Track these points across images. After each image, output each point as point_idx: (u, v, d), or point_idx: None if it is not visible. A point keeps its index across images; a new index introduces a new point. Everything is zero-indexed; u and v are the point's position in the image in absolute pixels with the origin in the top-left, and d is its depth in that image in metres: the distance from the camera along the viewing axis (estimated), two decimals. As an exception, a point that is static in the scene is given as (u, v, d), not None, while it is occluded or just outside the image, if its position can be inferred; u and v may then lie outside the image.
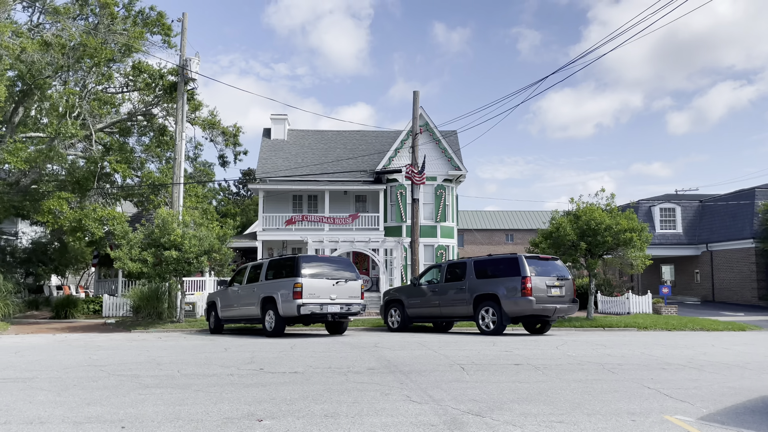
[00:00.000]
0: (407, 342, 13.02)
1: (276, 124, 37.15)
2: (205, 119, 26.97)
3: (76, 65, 23.12)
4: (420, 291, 17.70)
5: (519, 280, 15.08)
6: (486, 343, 12.63)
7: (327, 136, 38.12)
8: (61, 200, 22.33)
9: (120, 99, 26.02)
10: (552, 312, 15.32)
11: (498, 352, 10.85)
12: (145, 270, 19.51)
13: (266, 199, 33.32)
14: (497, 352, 10.85)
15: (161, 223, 20.19)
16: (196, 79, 22.93)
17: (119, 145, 24.57)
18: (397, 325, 18.13)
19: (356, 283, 15.80)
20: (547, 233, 21.38)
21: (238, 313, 16.98)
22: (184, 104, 22.91)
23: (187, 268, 19.87)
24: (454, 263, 17.31)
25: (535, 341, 13.19)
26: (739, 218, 34.45)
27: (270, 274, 16.10)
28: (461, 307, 16.31)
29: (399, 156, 32.49)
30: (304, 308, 14.62)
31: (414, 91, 22.41)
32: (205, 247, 19.96)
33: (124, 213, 25.22)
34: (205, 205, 26.31)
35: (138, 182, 25.86)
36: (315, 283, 14.97)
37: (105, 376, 8.44)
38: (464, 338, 14.24)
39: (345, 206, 34.46)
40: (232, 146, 28.00)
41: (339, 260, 16.24)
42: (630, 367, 9.03)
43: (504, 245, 72.54)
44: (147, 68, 24.31)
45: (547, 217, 74.24)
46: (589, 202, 21.55)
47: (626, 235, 19.90)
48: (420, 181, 21.74)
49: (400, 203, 32.33)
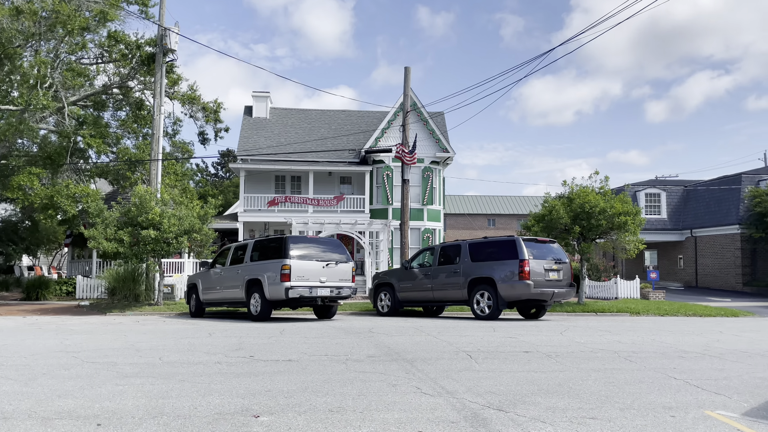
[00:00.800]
0: (403, 327, 12.37)
1: (258, 101, 36.01)
2: (184, 94, 25.81)
3: (48, 34, 21.80)
4: (411, 274, 17.05)
5: (516, 263, 14.49)
6: (485, 328, 12.03)
7: (311, 116, 37.10)
8: (31, 176, 21.14)
9: (94, 71, 24.72)
10: (550, 296, 14.79)
11: (502, 338, 10.24)
12: (121, 250, 18.56)
13: (248, 180, 32.31)
14: (501, 338, 10.25)
15: (138, 201, 19.21)
16: (176, 50, 21.82)
17: (93, 119, 23.33)
18: (388, 309, 17.50)
19: (347, 265, 15.07)
20: (539, 216, 20.84)
21: (220, 296, 16.17)
22: (162, 76, 21.79)
23: (166, 249, 18.96)
24: (447, 246, 16.67)
25: (536, 327, 12.64)
26: (724, 204, 34.38)
27: (255, 256, 15.29)
28: (455, 291, 15.71)
29: (386, 136, 31.67)
30: (293, 291, 13.87)
31: (405, 67, 21.60)
32: (185, 226, 19.04)
33: (99, 190, 24.08)
34: (184, 184, 25.26)
35: (113, 158, 24.68)
36: (304, 265, 14.22)
37: (78, 364, 7.63)
38: (461, 323, 13.64)
39: (329, 187, 33.61)
40: (213, 123, 26.89)
41: (329, 241, 15.49)
42: (646, 355, 8.48)
43: (486, 230, 72.28)
44: (123, 38, 23.05)
45: (529, 202, 74.32)
46: (582, 185, 21.06)
47: (621, 218, 19.45)
48: (411, 161, 21.01)
49: (387, 185, 31.59)
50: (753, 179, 33.77)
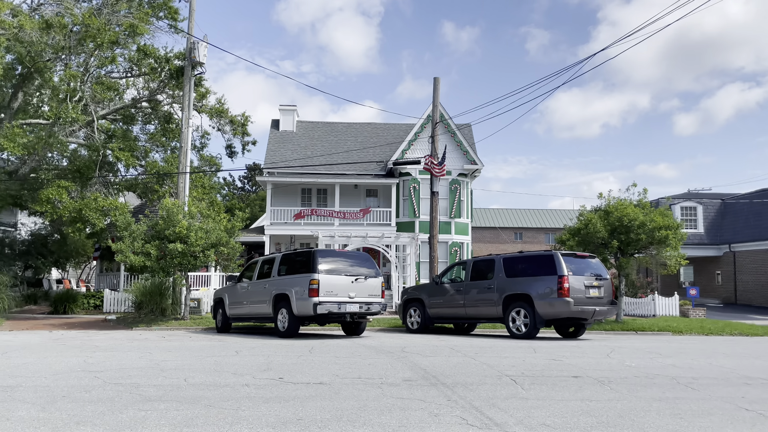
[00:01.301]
0: (436, 346, 11.79)
1: (285, 115, 35.93)
2: (212, 107, 25.74)
3: (78, 48, 21.90)
4: (442, 290, 16.47)
5: (555, 279, 13.83)
6: (525, 349, 11.40)
7: (337, 129, 36.88)
8: (60, 189, 21.14)
9: (124, 85, 24.81)
10: (590, 314, 14.08)
11: (545, 360, 9.61)
12: (148, 264, 18.33)
13: (274, 193, 32.12)
14: (544, 360, 9.61)
15: (166, 214, 19.00)
16: (204, 63, 21.70)
17: (122, 133, 23.34)
18: (417, 326, 16.93)
19: (376, 280, 14.57)
20: (574, 230, 20.11)
21: (247, 311, 15.78)
22: (191, 89, 21.69)
23: (193, 262, 18.68)
24: (480, 260, 16.07)
25: (578, 347, 11.96)
26: (764, 218, 33.10)
27: (283, 270, 14.88)
28: (489, 308, 15.08)
29: (413, 149, 31.23)
30: (321, 307, 13.39)
31: (434, 77, 21.18)
32: (212, 240, 18.77)
33: (127, 203, 24.02)
34: (212, 197, 25.09)
35: (142, 172, 24.64)
36: (333, 280, 13.75)
37: (100, 385, 7.24)
38: (497, 342, 13.01)
39: (355, 200, 33.25)
40: (241, 136, 26.77)
41: (357, 255, 15.01)
42: (708, 382, 7.79)
43: (513, 244, 71.22)
44: (152, 51, 23.06)
45: (556, 216, 73.06)
46: (619, 197, 20.30)
47: (661, 233, 18.64)
48: (440, 173, 20.50)
49: (413, 198, 31.09)
50: (795, 192, 32.48)
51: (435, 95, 21.03)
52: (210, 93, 26.06)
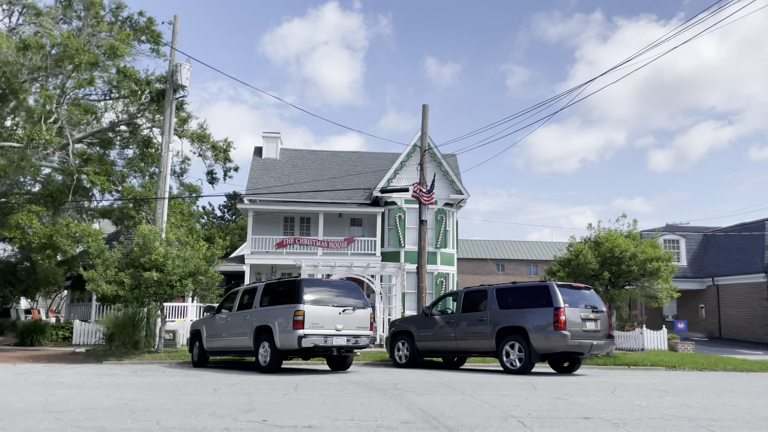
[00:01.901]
0: (430, 383, 11.07)
1: (268, 142, 35.37)
2: (194, 132, 25.09)
3: (55, 69, 21.21)
4: (432, 322, 15.78)
5: (551, 311, 13.25)
6: (523, 386, 10.73)
7: (321, 157, 36.39)
8: (30, 214, 20.16)
9: (102, 107, 24.07)
10: (588, 348, 13.49)
11: (549, 399, 8.96)
12: (121, 293, 17.38)
13: (256, 221, 31.32)
14: (548, 399, 8.96)
15: (142, 241, 18.15)
16: (186, 86, 21.10)
17: (99, 157, 22.52)
18: (406, 360, 16.17)
19: (365, 311, 13.85)
20: (564, 261, 19.68)
21: (226, 344, 14.90)
22: (172, 113, 21.04)
23: (169, 292, 17.78)
24: (472, 291, 15.45)
25: (579, 384, 11.32)
26: (747, 251, 33.11)
27: (265, 300, 14.10)
28: (481, 341, 14.42)
29: (399, 177, 30.79)
30: (306, 340, 12.61)
31: (423, 105, 20.83)
32: (190, 268, 17.92)
33: (102, 230, 23.05)
34: (191, 224, 24.22)
35: (118, 197, 23.75)
36: (319, 311, 13.00)
37: (60, 429, 6.41)
38: (492, 378, 12.32)
39: (339, 229, 32.58)
40: (222, 162, 26.08)
41: (345, 285, 14.29)
42: (729, 424, 7.20)
43: (495, 275, 70.73)
44: (133, 74, 22.41)
45: (537, 248, 72.87)
46: (609, 228, 19.95)
47: (653, 264, 18.28)
48: (429, 201, 19.98)
49: (399, 227, 30.52)
50: (778, 226, 32.59)
51: (424, 122, 20.64)
52: (192, 118, 25.47)
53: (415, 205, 31.08)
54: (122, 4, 25.45)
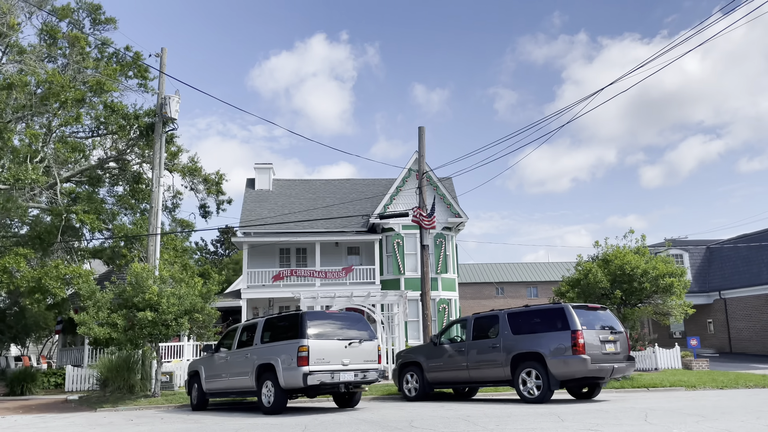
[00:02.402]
0: (447, 418, 10.33)
1: (260, 173, 34.86)
2: (184, 166, 24.53)
3: (41, 107, 20.68)
4: (442, 351, 15.04)
5: (568, 334, 12.57)
6: (548, 416, 10.01)
7: (315, 186, 35.87)
8: (18, 257, 19.39)
9: (90, 145, 23.48)
10: (609, 372, 12.78)
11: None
12: (114, 335, 16.57)
13: (251, 254, 30.59)
14: (580, 431, 8.24)
15: (134, 279, 17.40)
16: (176, 119, 20.64)
17: (88, 195, 21.86)
18: (415, 392, 15.38)
19: (372, 343, 13.12)
20: (573, 280, 19.05)
21: (227, 384, 14.09)
22: (162, 146, 20.50)
23: (165, 332, 16.98)
24: (482, 317, 14.75)
25: (604, 411, 10.60)
26: (754, 263, 32.60)
27: (267, 336, 13.36)
28: (495, 370, 13.68)
29: (395, 203, 30.25)
30: (312, 377, 11.85)
31: (419, 127, 20.36)
32: (186, 306, 17.15)
33: (92, 270, 22.28)
34: (184, 260, 23.47)
35: (108, 236, 23.02)
36: (324, 346, 12.27)
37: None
38: (511, 409, 11.57)
39: (336, 259, 31.89)
40: (215, 195, 25.48)
41: (349, 316, 13.58)
42: (789, 453, 6.54)
43: (495, 299, 69.87)
44: (121, 108, 21.93)
45: (536, 269, 72.15)
46: (617, 245, 19.40)
47: (666, 280, 17.67)
48: (430, 225, 19.40)
49: (398, 254, 29.88)
50: (782, 235, 32.20)
51: (420, 145, 20.17)
52: (182, 151, 24.91)
53: (413, 230, 30.53)
54: (108, 40, 25.13)
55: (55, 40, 23.55)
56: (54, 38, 23.20)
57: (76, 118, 20.81)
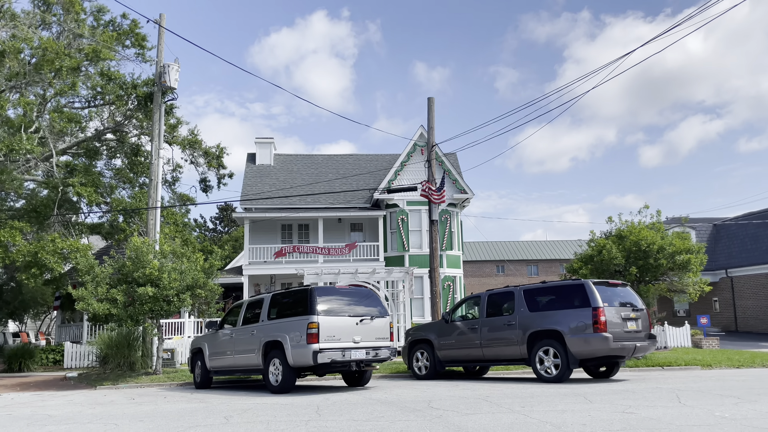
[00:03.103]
0: (466, 398, 9.83)
1: (261, 148, 34.08)
2: (184, 138, 23.80)
3: (34, 75, 19.88)
4: (454, 328, 14.55)
5: (589, 312, 12.06)
6: (574, 397, 9.51)
7: (317, 161, 35.14)
8: (13, 231, 18.76)
9: (86, 115, 22.71)
10: (631, 351, 12.31)
11: (615, 414, 7.73)
12: (114, 311, 16.03)
13: (252, 230, 29.97)
14: (614, 415, 7.73)
15: (134, 254, 16.81)
16: (176, 88, 19.84)
17: (85, 168, 21.17)
18: (426, 371, 14.93)
19: (383, 320, 12.60)
20: (586, 257, 18.52)
21: (231, 362, 13.59)
22: (161, 117, 19.75)
23: (166, 308, 16.45)
24: (496, 293, 14.24)
25: (633, 391, 10.10)
26: (762, 241, 32.14)
27: (273, 312, 12.82)
28: (510, 348, 13.20)
29: (400, 178, 29.59)
30: (322, 355, 11.34)
31: (429, 98, 19.66)
32: (188, 281, 16.60)
33: (91, 245, 21.66)
34: (185, 235, 22.86)
35: (107, 209, 22.37)
36: (334, 322, 11.75)
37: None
38: (532, 389, 11.08)
39: (339, 235, 31.31)
40: (216, 168, 24.80)
41: (359, 291, 13.03)
42: None
43: (495, 277, 69.64)
44: (118, 77, 21.12)
45: (536, 247, 71.53)
46: (630, 221, 18.83)
47: (683, 256, 17.14)
48: (440, 199, 18.81)
49: (402, 230, 29.31)
50: (792, 213, 31.69)
51: (429, 116, 19.48)
52: (182, 123, 24.20)
53: (418, 206, 29.95)
54: (104, 7, 24.22)
55: (49, 6, 22.65)
56: (48, 4, 22.29)
57: (71, 87, 20.01)
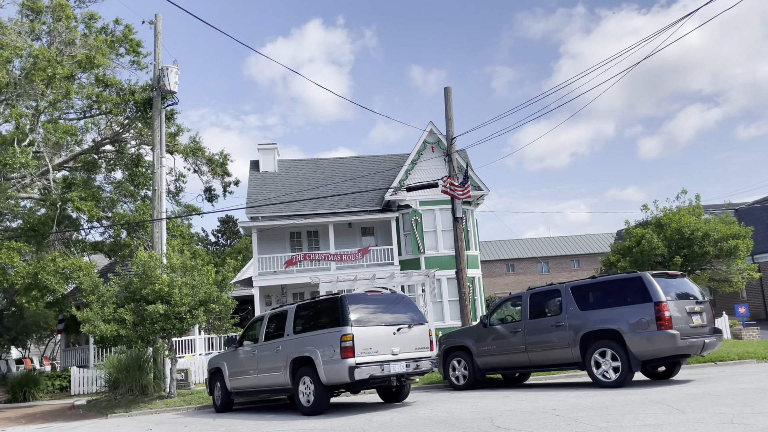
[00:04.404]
0: (530, 412, 8.62)
1: (264, 154, 32.93)
2: (186, 146, 22.64)
3: (25, 86, 18.73)
4: (493, 333, 13.35)
5: (651, 307, 10.86)
6: (654, 405, 8.30)
7: (322, 165, 33.98)
8: (11, 252, 17.56)
9: (83, 127, 21.52)
10: (699, 348, 11.11)
11: (727, 428, 6.53)
12: (122, 332, 14.83)
13: (260, 239, 28.78)
14: (725, 428, 6.53)
15: (141, 270, 15.62)
16: (176, 92, 18.70)
17: (83, 181, 19.99)
18: (464, 380, 13.73)
19: (422, 328, 11.38)
20: (624, 248, 17.33)
21: (255, 382, 12.37)
22: (162, 122, 18.59)
23: (179, 326, 15.25)
24: (540, 292, 13.04)
25: (722, 396, 8.88)
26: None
27: (299, 325, 11.61)
28: (560, 351, 11.99)
29: (411, 178, 28.41)
30: (360, 371, 10.11)
31: (446, 87, 18.53)
32: (201, 296, 15.40)
33: (94, 262, 20.46)
34: (193, 248, 21.67)
35: (109, 225, 21.18)
36: (370, 333, 10.54)
37: None
38: (598, 396, 9.86)
39: (350, 241, 30.11)
40: (220, 176, 23.62)
41: (392, 297, 11.83)
42: None
43: (506, 276, 68.45)
44: (114, 82, 19.97)
45: (544, 244, 69.92)
46: (669, 208, 17.66)
47: (730, 242, 15.96)
48: (464, 195, 17.67)
49: (416, 232, 28.13)
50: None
51: (447, 107, 18.34)
52: (182, 131, 23.02)
53: (431, 206, 28.80)
54: (95, 14, 23.04)
55: (38, 15, 21.51)
56: (36, 12, 21.16)
57: (65, 95, 18.83)
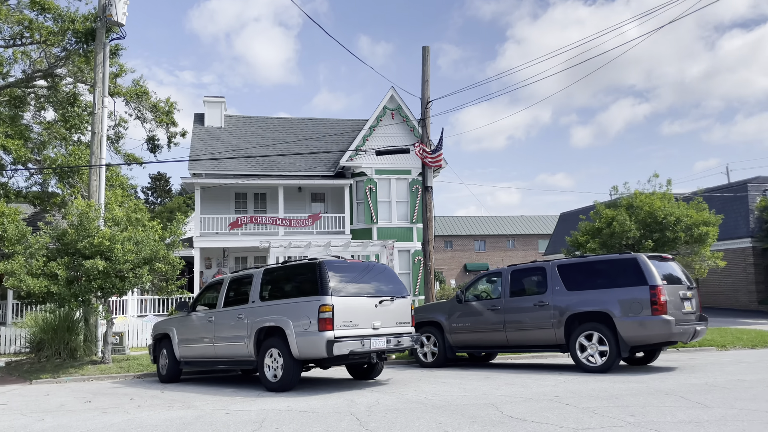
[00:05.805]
0: (533, 399, 7.84)
1: (211, 108, 30.78)
2: (129, 89, 20.51)
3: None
4: (468, 309, 12.59)
5: (646, 290, 10.32)
6: (662, 396, 7.70)
7: (273, 124, 32.17)
8: None
9: (11, 56, 18.97)
10: (689, 336, 10.71)
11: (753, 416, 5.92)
12: (54, 289, 13.09)
13: (203, 198, 26.94)
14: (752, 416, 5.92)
15: (78, 221, 13.86)
16: (124, 24, 16.65)
17: (9, 117, 17.67)
18: (433, 357, 12.97)
19: (404, 301, 10.40)
20: (593, 229, 16.93)
21: (210, 352, 11.07)
22: (106, 57, 16.51)
23: (119, 285, 13.63)
24: (521, 269, 12.32)
25: (726, 389, 8.41)
26: (730, 215, 31.82)
27: (267, 292, 10.39)
28: (542, 332, 11.37)
29: (367, 144, 27.24)
30: (339, 346, 9.03)
31: (424, 47, 17.31)
32: (146, 253, 13.82)
33: (20, 208, 18.26)
34: (137, 202, 19.72)
35: (38, 167, 18.93)
36: (351, 304, 9.46)
37: None
38: (594, 384, 9.23)
39: (299, 205, 28.75)
40: (165, 126, 21.63)
41: (373, 267, 10.75)
42: None
43: (443, 252, 68.63)
44: (53, 6, 17.63)
45: (478, 223, 70.21)
46: (639, 190, 17.37)
47: (701, 229, 15.81)
48: (435, 163, 16.69)
49: (370, 201, 27.07)
50: (759, 188, 31.52)
51: (425, 68, 17.20)
52: (126, 71, 20.84)
53: (387, 176, 27.80)
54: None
55: None
56: None
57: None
